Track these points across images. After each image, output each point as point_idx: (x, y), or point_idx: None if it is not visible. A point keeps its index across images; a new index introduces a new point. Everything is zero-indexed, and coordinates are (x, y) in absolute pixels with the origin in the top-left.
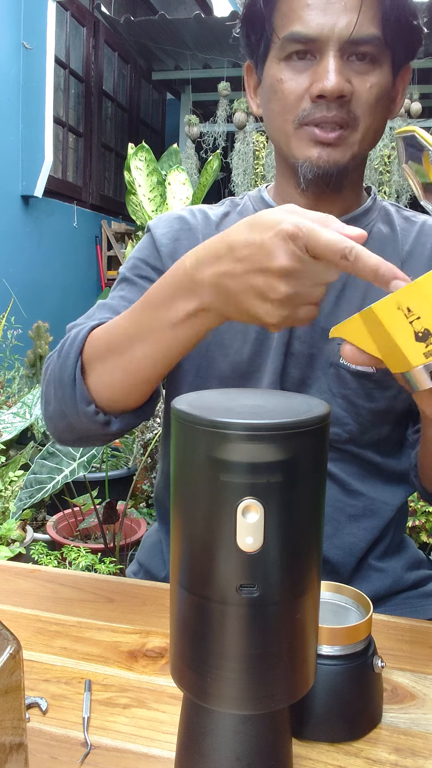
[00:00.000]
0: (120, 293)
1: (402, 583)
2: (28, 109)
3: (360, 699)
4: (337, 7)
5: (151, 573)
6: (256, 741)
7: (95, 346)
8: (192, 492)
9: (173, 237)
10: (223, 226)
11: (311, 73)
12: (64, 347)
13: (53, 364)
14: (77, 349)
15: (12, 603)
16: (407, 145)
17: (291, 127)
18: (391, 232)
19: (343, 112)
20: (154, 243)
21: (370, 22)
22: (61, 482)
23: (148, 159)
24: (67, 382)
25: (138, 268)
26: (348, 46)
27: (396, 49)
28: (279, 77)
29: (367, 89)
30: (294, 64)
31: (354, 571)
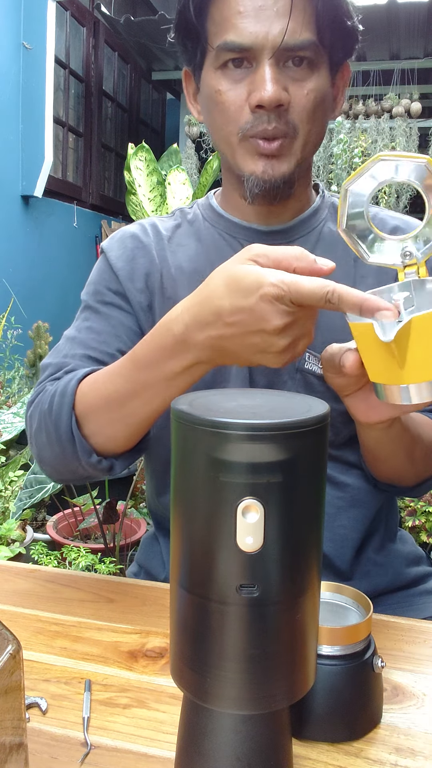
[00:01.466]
0: (86, 324)
1: (402, 578)
2: (28, 109)
3: (360, 699)
4: (269, 14)
5: (151, 574)
6: (256, 741)
7: (88, 403)
8: (192, 492)
9: (128, 258)
10: (174, 240)
11: (249, 82)
12: (54, 402)
13: (44, 416)
14: (69, 405)
15: (12, 603)
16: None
17: (235, 139)
18: None
19: (282, 123)
20: (110, 268)
21: (304, 27)
22: None
23: (148, 159)
24: (65, 439)
25: (100, 294)
26: (283, 53)
27: (333, 50)
28: (217, 88)
29: (305, 95)
30: (231, 73)
31: (353, 565)
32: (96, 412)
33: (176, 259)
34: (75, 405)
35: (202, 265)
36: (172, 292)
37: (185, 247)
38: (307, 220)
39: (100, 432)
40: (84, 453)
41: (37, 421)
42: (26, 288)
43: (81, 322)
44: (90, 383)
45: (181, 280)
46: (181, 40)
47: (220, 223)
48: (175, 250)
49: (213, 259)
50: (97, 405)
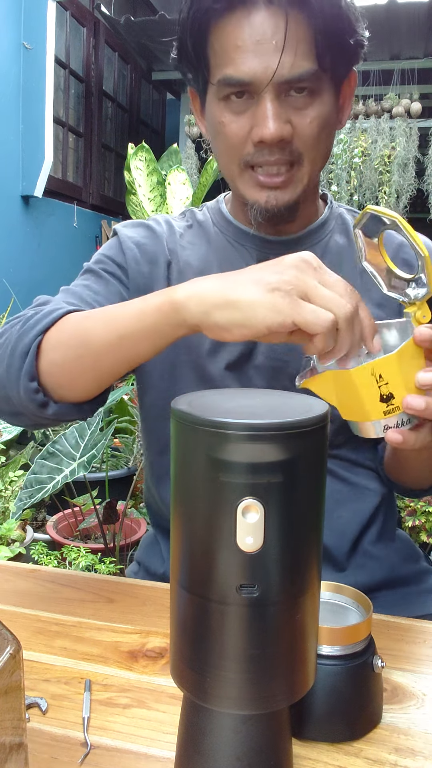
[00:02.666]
0: (84, 282)
1: (398, 573)
2: (28, 109)
3: (360, 699)
4: (268, 48)
5: (150, 570)
6: (256, 741)
7: (66, 330)
8: (192, 492)
9: (138, 242)
10: (186, 238)
11: (250, 115)
12: (31, 319)
13: (13, 331)
14: (45, 325)
15: (12, 603)
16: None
17: (237, 168)
18: (347, 242)
19: (285, 154)
20: (120, 245)
21: (303, 57)
22: (61, 482)
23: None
24: (19, 352)
25: (103, 262)
26: (284, 85)
27: (336, 68)
28: (220, 119)
29: (308, 124)
30: (233, 105)
31: (349, 556)
32: (65, 343)
33: (186, 254)
34: (50, 329)
35: (210, 266)
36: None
37: (196, 246)
38: (314, 231)
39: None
40: (27, 375)
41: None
42: (26, 288)
43: (80, 281)
44: (78, 315)
45: (188, 275)
46: (182, 66)
47: (229, 230)
48: (185, 246)
49: (222, 264)
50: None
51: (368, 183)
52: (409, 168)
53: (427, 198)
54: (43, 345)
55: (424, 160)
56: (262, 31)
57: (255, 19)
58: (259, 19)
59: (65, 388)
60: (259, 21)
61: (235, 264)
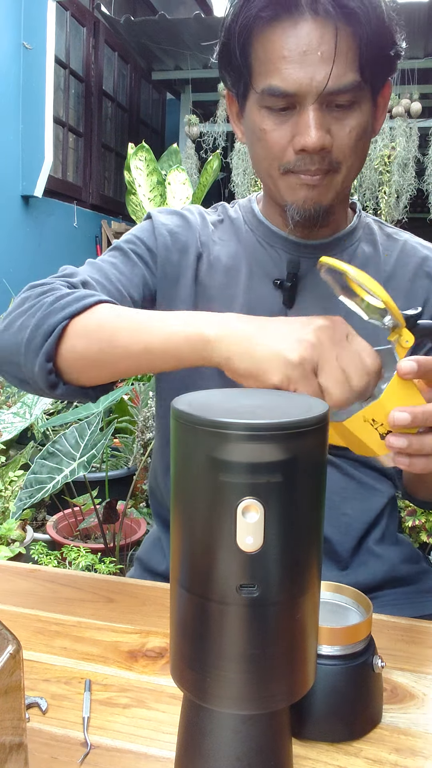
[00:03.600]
0: (112, 260)
1: (399, 573)
2: (28, 109)
3: (360, 699)
4: (314, 59)
5: (151, 567)
6: (256, 741)
7: (94, 322)
8: (192, 492)
9: (172, 230)
10: (217, 233)
11: (292, 125)
12: (62, 298)
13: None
14: (76, 309)
15: (12, 603)
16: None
17: (277, 173)
18: (373, 252)
19: (324, 163)
20: (153, 230)
21: (347, 69)
22: (61, 482)
23: (148, 159)
24: (43, 330)
25: (134, 243)
26: (327, 97)
27: (375, 79)
28: (261, 126)
29: (347, 134)
30: (275, 114)
31: (353, 554)
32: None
33: (216, 249)
34: (77, 315)
35: (238, 263)
36: (204, 277)
37: (226, 242)
38: (343, 238)
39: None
40: (45, 355)
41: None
42: None
43: (107, 257)
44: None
45: (217, 269)
46: (224, 70)
47: (260, 229)
48: (216, 241)
49: (251, 262)
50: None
51: (368, 183)
52: (409, 168)
53: (427, 198)
54: (69, 329)
55: (424, 160)
56: (308, 41)
57: (301, 29)
58: (305, 29)
59: (79, 373)
60: (305, 31)
61: (264, 264)
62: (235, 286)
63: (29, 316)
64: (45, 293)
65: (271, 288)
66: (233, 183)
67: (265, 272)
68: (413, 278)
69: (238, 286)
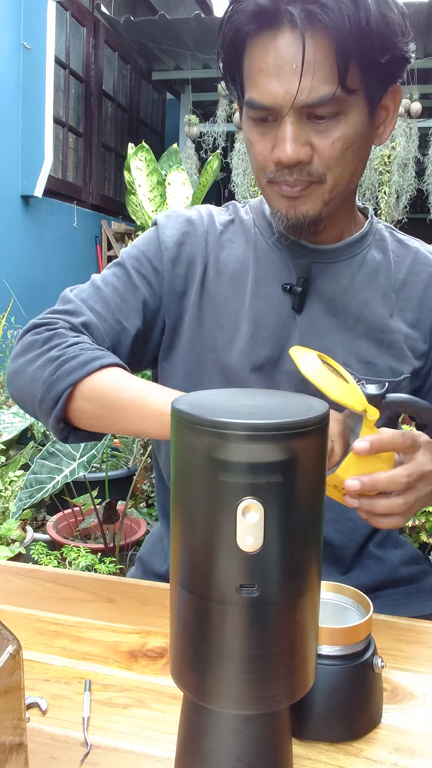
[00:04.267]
0: (114, 282)
1: (399, 574)
2: (28, 109)
3: (360, 699)
4: (288, 72)
5: (152, 568)
6: (256, 741)
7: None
8: (192, 492)
9: (178, 241)
10: (226, 235)
11: (273, 137)
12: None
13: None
14: (82, 374)
15: (12, 603)
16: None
17: (264, 181)
18: (384, 260)
19: (303, 175)
20: (159, 245)
21: (323, 81)
22: (61, 482)
23: (148, 159)
24: (52, 394)
25: (139, 261)
26: (305, 109)
27: (370, 87)
28: (249, 137)
29: (330, 145)
30: (259, 126)
31: (355, 557)
32: (97, 396)
33: (224, 255)
34: (82, 381)
35: (246, 268)
36: (212, 285)
37: (235, 245)
38: (352, 244)
39: (84, 414)
40: (55, 418)
41: (34, 354)
42: (26, 288)
43: (111, 275)
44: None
45: (224, 277)
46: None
47: (269, 232)
48: (224, 245)
49: (258, 265)
50: (102, 394)
51: (368, 183)
52: (409, 168)
53: (427, 198)
54: (76, 392)
55: (424, 160)
56: (284, 54)
57: (279, 41)
58: (282, 41)
59: (86, 427)
60: (282, 44)
61: (273, 267)
62: (242, 292)
63: (39, 368)
64: (50, 342)
65: (280, 292)
66: (233, 183)
67: (273, 275)
68: (425, 288)
69: (245, 293)
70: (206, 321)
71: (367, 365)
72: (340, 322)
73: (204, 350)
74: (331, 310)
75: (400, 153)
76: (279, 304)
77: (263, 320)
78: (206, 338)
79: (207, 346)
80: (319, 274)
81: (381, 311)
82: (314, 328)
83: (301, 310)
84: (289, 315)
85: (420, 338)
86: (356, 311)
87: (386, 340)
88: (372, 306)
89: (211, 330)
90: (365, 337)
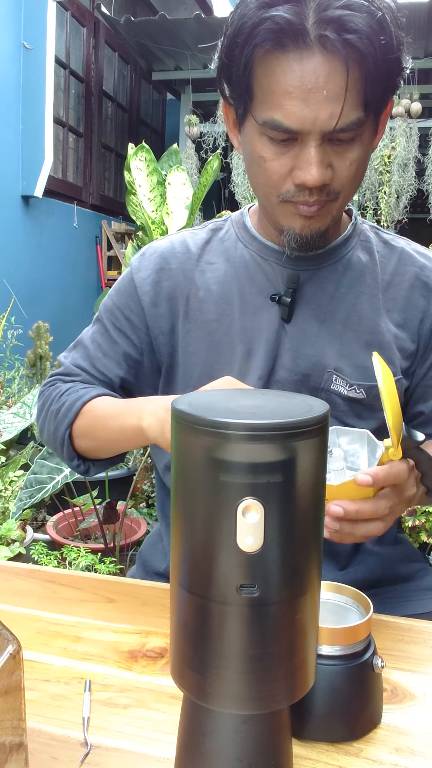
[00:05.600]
0: (97, 337)
1: (398, 571)
2: (28, 109)
3: (360, 699)
4: (319, 97)
5: (152, 566)
6: (256, 741)
7: (83, 425)
8: (192, 492)
9: (154, 281)
10: (204, 258)
11: (293, 157)
12: (60, 411)
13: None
14: (70, 420)
15: (12, 603)
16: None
17: (275, 200)
18: (370, 260)
19: (323, 195)
20: (135, 291)
21: (352, 107)
22: (61, 482)
23: (148, 159)
24: (58, 442)
25: (114, 316)
26: (330, 134)
27: (379, 106)
28: (261, 154)
29: (347, 166)
30: (275, 144)
31: (353, 553)
32: (86, 432)
33: (205, 280)
34: (74, 421)
35: (229, 287)
36: (198, 314)
37: (214, 266)
38: (337, 248)
39: (86, 446)
40: (69, 457)
41: (44, 413)
42: (26, 288)
43: (94, 332)
44: (90, 408)
45: (209, 303)
46: (222, 83)
47: (253, 244)
48: (204, 270)
49: (242, 281)
50: (87, 429)
51: (368, 183)
52: (409, 168)
53: (427, 198)
54: (73, 434)
55: (424, 160)
56: (314, 78)
57: (307, 64)
58: (311, 65)
59: (98, 456)
60: (311, 67)
61: (258, 280)
62: (230, 313)
63: (48, 423)
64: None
65: (268, 304)
66: (233, 183)
67: (259, 289)
68: (411, 288)
69: (233, 313)
70: (199, 350)
71: (359, 369)
72: (329, 328)
73: (202, 377)
74: (319, 317)
75: (400, 153)
76: (268, 317)
77: (255, 336)
78: (202, 366)
79: (204, 373)
80: (306, 282)
81: (369, 313)
82: (304, 336)
83: (290, 319)
84: (278, 325)
85: (408, 338)
86: (344, 316)
87: (376, 341)
88: (359, 308)
89: (206, 357)
90: (355, 341)
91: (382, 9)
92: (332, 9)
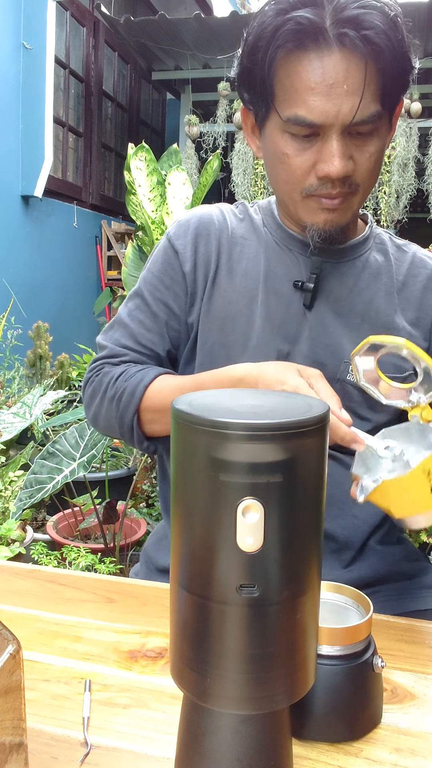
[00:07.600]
0: (137, 313)
1: (399, 568)
2: (28, 109)
3: (360, 699)
4: (340, 92)
5: (157, 563)
6: (256, 741)
7: (151, 407)
8: (192, 492)
9: (193, 247)
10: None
11: (315, 151)
12: (123, 397)
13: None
14: (135, 405)
15: (12, 603)
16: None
17: (299, 196)
18: (385, 261)
19: (345, 187)
20: (177, 257)
21: (372, 100)
22: (61, 482)
23: (148, 159)
24: (126, 428)
25: (154, 286)
26: (351, 127)
27: (393, 102)
28: (284, 151)
29: (367, 159)
30: (298, 140)
31: (358, 552)
32: (154, 415)
33: (237, 252)
34: (140, 405)
35: (258, 265)
36: (225, 283)
37: (247, 241)
38: (356, 246)
39: (155, 427)
40: (138, 442)
41: (99, 401)
42: (26, 288)
43: (133, 308)
44: (155, 391)
45: (237, 274)
46: (243, 89)
47: (278, 232)
48: (237, 242)
49: (270, 262)
50: (156, 410)
51: None
52: (409, 168)
53: (427, 198)
54: (141, 420)
55: (424, 160)
56: (335, 74)
57: (327, 61)
58: (331, 61)
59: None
60: (331, 64)
61: (283, 265)
62: (254, 288)
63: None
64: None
65: (290, 290)
66: (233, 183)
67: (284, 273)
68: (424, 289)
69: (257, 289)
70: (217, 317)
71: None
72: (347, 321)
73: (216, 346)
74: (338, 309)
75: (400, 153)
76: (289, 301)
77: (275, 316)
78: (218, 334)
79: (219, 341)
80: (327, 275)
81: (385, 309)
82: (323, 326)
83: (312, 306)
84: (299, 311)
85: (420, 336)
86: (362, 310)
87: None
88: (376, 304)
89: (223, 325)
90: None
91: (394, 9)
92: (349, 9)
